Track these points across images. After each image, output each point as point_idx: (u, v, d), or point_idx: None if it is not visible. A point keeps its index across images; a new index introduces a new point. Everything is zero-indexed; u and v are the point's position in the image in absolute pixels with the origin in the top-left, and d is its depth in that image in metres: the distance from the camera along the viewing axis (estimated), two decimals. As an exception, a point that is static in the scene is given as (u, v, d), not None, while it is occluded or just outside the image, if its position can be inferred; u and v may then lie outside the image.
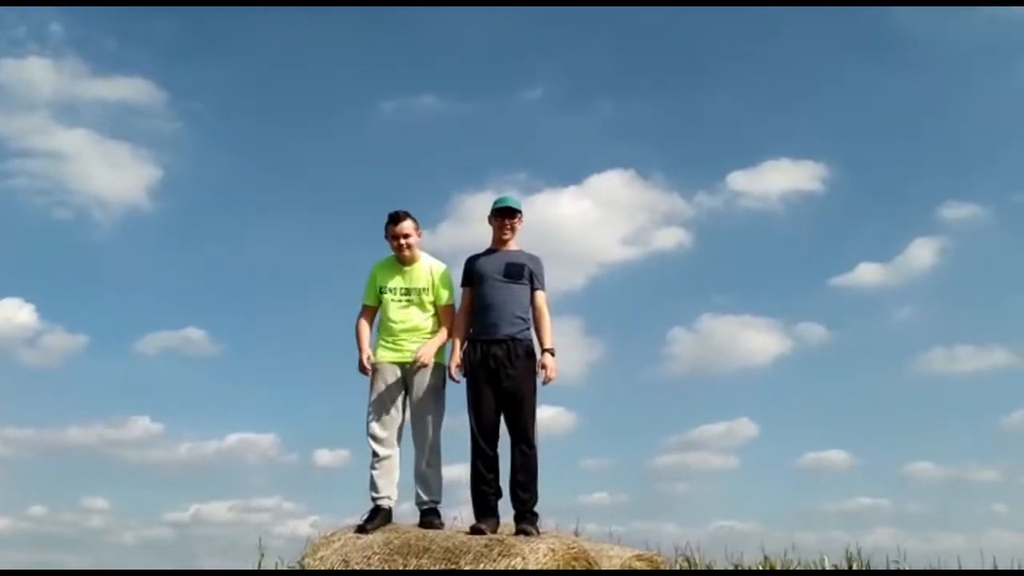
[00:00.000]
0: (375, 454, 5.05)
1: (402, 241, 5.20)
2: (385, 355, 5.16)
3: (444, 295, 5.27)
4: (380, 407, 5.09)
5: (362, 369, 5.15)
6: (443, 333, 5.20)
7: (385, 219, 5.23)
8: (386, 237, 5.28)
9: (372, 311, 5.32)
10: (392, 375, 5.13)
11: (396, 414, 5.11)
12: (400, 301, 5.22)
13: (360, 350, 5.18)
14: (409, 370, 5.10)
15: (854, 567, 10.43)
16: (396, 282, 5.26)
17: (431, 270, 5.29)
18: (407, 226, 5.21)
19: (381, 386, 5.11)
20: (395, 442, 5.11)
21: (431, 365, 5.09)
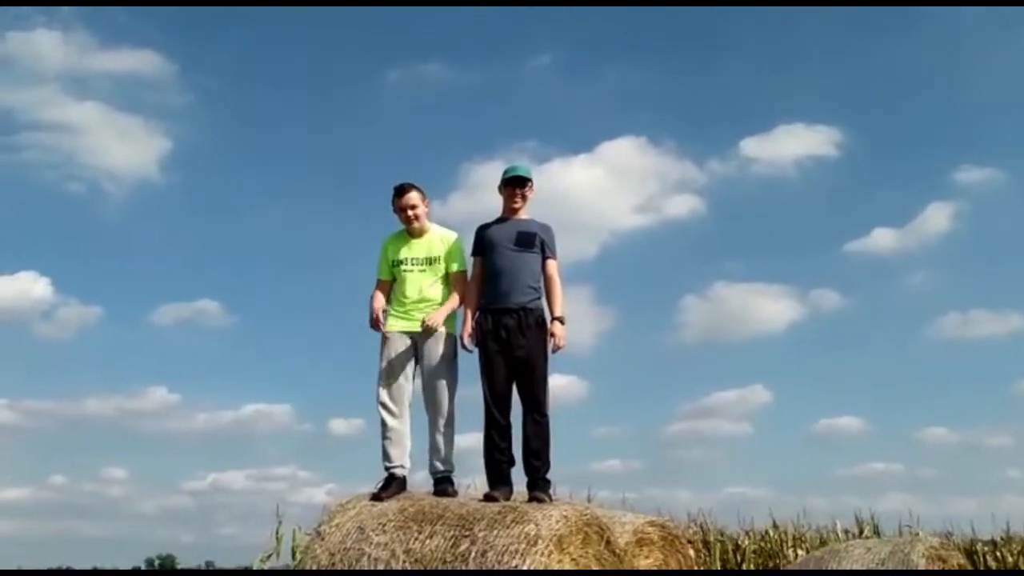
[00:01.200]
0: (385, 423, 5.08)
1: (409, 213, 5.20)
2: (395, 324, 5.18)
3: (456, 263, 5.27)
4: (390, 376, 5.12)
5: (374, 324, 5.16)
6: (453, 300, 5.20)
7: (391, 193, 5.24)
8: (393, 210, 5.28)
9: (387, 285, 5.32)
10: (402, 344, 5.14)
11: (406, 383, 5.14)
12: (412, 272, 5.22)
13: (372, 310, 5.19)
14: (420, 339, 5.13)
15: (865, 532, 10.49)
16: (407, 253, 5.26)
17: (442, 239, 5.30)
18: (413, 197, 5.21)
19: (391, 355, 5.13)
20: (405, 411, 5.14)
21: (443, 333, 5.11)
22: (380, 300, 5.27)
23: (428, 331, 5.06)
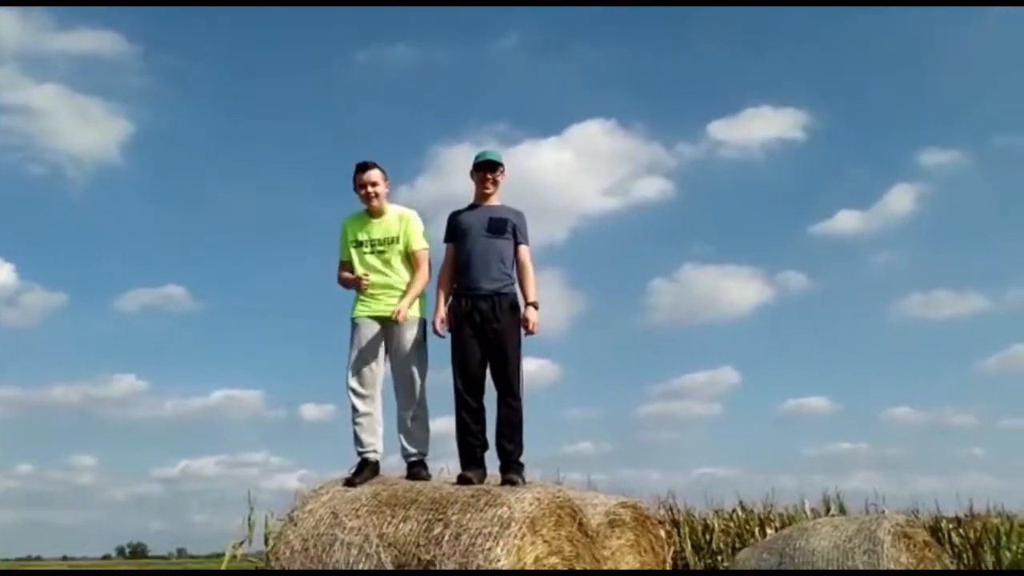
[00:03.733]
0: (355, 409, 5.07)
1: (370, 190, 5.15)
2: (363, 310, 5.15)
3: (416, 241, 5.20)
4: (360, 362, 5.10)
5: (359, 282, 5.13)
6: (418, 283, 5.16)
7: (353, 170, 5.20)
8: (354, 188, 5.22)
9: (349, 266, 5.28)
10: (371, 329, 5.12)
11: (376, 368, 5.13)
12: (372, 253, 5.19)
13: (348, 278, 5.18)
14: (389, 324, 5.11)
15: (831, 511, 10.69)
16: (366, 234, 5.22)
17: (400, 217, 5.24)
18: (374, 175, 5.16)
19: (360, 341, 5.11)
20: (376, 396, 5.13)
21: (414, 318, 5.11)
22: (349, 277, 5.25)
23: (398, 322, 5.04)
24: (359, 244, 5.21)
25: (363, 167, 5.17)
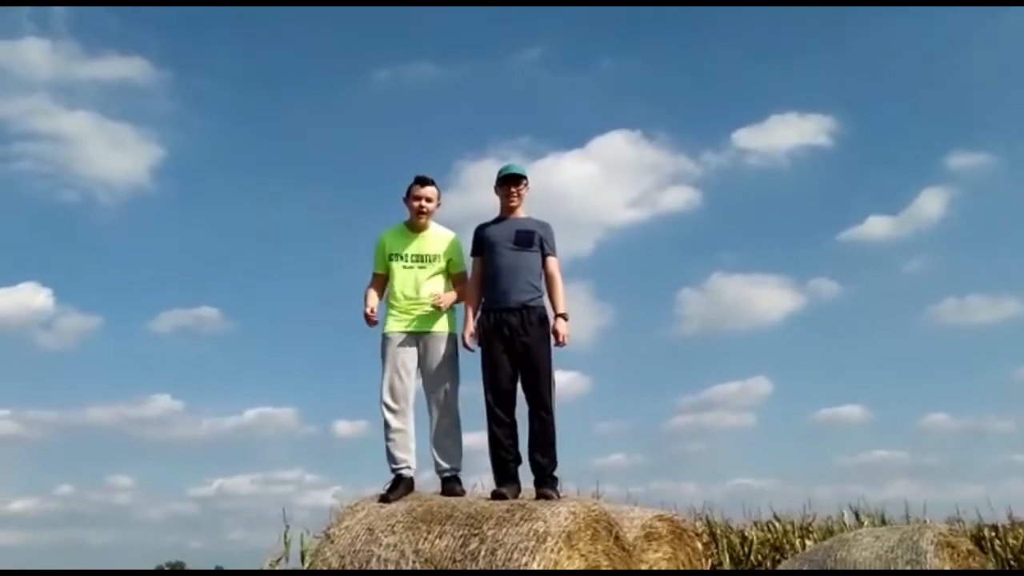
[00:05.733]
0: (388, 425, 5.08)
1: (424, 204, 5.21)
2: (395, 325, 5.17)
3: (458, 263, 5.29)
4: (392, 377, 5.11)
5: (368, 319, 5.17)
6: (457, 294, 5.25)
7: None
8: (406, 199, 5.29)
9: (382, 280, 5.31)
10: (403, 344, 5.14)
11: (409, 383, 5.14)
12: (411, 268, 5.22)
13: (365, 304, 5.21)
14: (421, 339, 5.14)
15: (872, 520, 10.49)
16: (405, 248, 5.26)
17: (441, 237, 5.32)
18: (431, 191, 5.25)
19: (393, 356, 5.12)
20: (408, 411, 5.14)
21: (445, 333, 5.15)
22: (374, 298, 5.27)
23: (436, 308, 5.11)
24: (399, 257, 5.25)
25: (423, 181, 5.25)
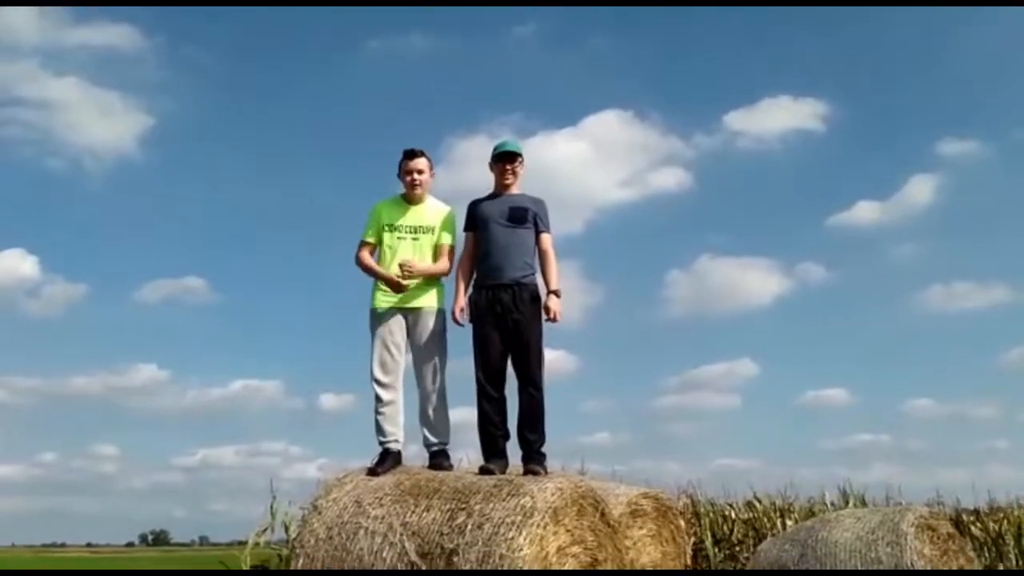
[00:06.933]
0: (379, 398, 5.10)
1: (416, 176, 5.21)
2: (385, 300, 5.17)
3: (447, 236, 5.27)
4: (383, 352, 5.12)
5: (396, 286, 5.09)
6: (437, 267, 5.21)
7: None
8: (398, 173, 5.30)
9: (371, 248, 5.30)
10: (393, 319, 5.14)
11: (399, 358, 5.15)
12: (404, 239, 5.21)
13: (382, 273, 5.13)
14: (410, 315, 5.14)
15: (852, 503, 10.62)
16: (400, 219, 5.25)
17: (436, 211, 5.31)
18: (422, 162, 5.24)
19: (383, 331, 5.13)
20: (398, 386, 5.15)
21: (434, 308, 5.15)
22: (371, 260, 5.24)
23: (406, 273, 5.03)
24: (393, 228, 5.23)
25: (411, 154, 5.24)
